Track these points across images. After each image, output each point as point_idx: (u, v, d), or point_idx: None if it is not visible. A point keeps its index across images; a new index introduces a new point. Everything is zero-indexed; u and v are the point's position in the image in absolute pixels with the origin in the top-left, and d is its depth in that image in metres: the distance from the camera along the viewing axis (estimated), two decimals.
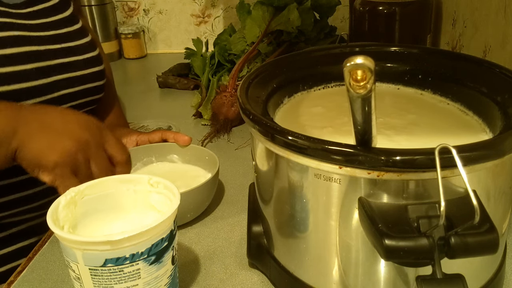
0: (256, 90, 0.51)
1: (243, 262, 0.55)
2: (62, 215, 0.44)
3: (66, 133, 0.55)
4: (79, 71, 0.73)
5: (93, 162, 0.56)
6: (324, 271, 0.44)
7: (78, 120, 0.57)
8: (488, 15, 0.82)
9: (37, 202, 0.71)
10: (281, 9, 1.03)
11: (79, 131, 0.55)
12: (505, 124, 0.43)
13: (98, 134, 0.57)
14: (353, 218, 0.40)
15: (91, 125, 0.57)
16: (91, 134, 0.56)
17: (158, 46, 1.58)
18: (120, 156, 0.59)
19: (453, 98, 0.54)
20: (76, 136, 0.55)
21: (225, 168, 0.76)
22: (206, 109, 0.96)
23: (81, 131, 0.55)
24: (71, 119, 0.57)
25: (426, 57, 0.57)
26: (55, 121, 0.56)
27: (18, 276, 0.55)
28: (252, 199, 0.55)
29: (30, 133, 0.54)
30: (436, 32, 1.14)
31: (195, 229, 0.62)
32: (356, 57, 0.30)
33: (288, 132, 0.40)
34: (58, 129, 0.55)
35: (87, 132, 0.56)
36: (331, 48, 0.64)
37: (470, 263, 0.41)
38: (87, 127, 0.56)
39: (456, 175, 0.36)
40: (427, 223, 0.35)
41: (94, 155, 0.56)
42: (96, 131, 0.57)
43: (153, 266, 0.42)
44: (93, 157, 0.56)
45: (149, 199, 0.49)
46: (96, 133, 0.57)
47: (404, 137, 0.47)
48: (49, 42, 0.69)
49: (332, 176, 0.39)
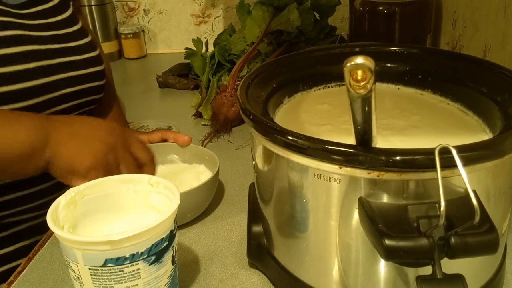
0: (256, 90, 0.51)
1: (243, 262, 0.55)
2: (62, 215, 0.44)
3: (94, 138, 0.57)
4: (79, 71, 0.73)
5: (122, 164, 0.59)
6: (324, 271, 0.44)
7: (102, 126, 0.60)
8: (488, 15, 0.82)
9: (37, 201, 0.71)
10: (281, 9, 1.03)
11: (106, 136, 0.58)
12: (505, 124, 0.43)
13: (123, 137, 0.60)
14: (353, 218, 0.40)
15: (116, 129, 0.60)
16: (117, 137, 0.59)
17: (158, 46, 1.58)
18: (145, 157, 0.62)
19: (453, 98, 0.54)
20: (104, 140, 0.58)
21: (225, 168, 0.76)
22: (206, 109, 0.96)
23: (108, 135, 0.58)
24: (96, 125, 0.60)
25: (426, 57, 0.57)
26: (82, 128, 0.59)
27: (18, 276, 0.55)
28: (252, 199, 0.55)
29: (61, 141, 0.56)
30: (436, 32, 1.14)
31: (195, 229, 0.62)
32: (356, 57, 0.30)
33: (288, 132, 0.40)
34: (86, 135, 0.58)
35: (113, 136, 0.59)
36: (331, 48, 0.64)
37: (470, 263, 0.41)
38: (112, 132, 0.59)
39: (456, 175, 0.36)
40: (427, 223, 0.35)
41: (122, 157, 0.59)
42: (121, 135, 0.60)
43: (153, 266, 0.42)
44: (121, 159, 0.58)
45: (149, 199, 0.49)
46: (122, 137, 0.60)
47: (404, 137, 0.47)
48: (49, 42, 0.70)
49: (332, 176, 0.39)
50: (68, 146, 0.56)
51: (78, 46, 0.75)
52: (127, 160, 0.59)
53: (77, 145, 0.57)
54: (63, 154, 0.56)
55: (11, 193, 0.68)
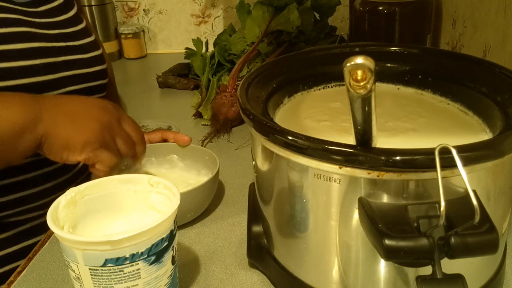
0: (256, 90, 0.51)
1: (243, 262, 0.55)
2: (62, 215, 0.44)
3: (89, 115, 0.58)
4: (83, 69, 0.74)
5: (119, 139, 0.59)
6: (324, 271, 0.44)
7: (96, 103, 0.61)
8: (488, 15, 0.82)
9: (39, 201, 0.71)
10: (281, 9, 1.03)
11: (100, 112, 0.59)
12: (505, 124, 0.43)
13: (116, 114, 0.61)
14: (353, 218, 0.40)
15: (109, 106, 0.61)
16: (111, 114, 0.60)
17: (158, 46, 1.58)
18: (136, 135, 0.63)
19: (453, 98, 0.54)
20: (98, 117, 0.58)
21: (225, 168, 0.76)
22: (206, 109, 0.96)
23: (102, 112, 0.59)
24: (90, 103, 0.60)
25: (426, 57, 0.57)
26: (76, 106, 0.59)
27: (18, 276, 0.55)
28: (252, 199, 0.55)
29: (55, 118, 0.56)
30: (436, 32, 1.14)
31: (195, 229, 0.62)
32: (356, 57, 0.30)
33: (288, 132, 0.40)
34: (81, 113, 0.58)
35: (107, 113, 0.59)
36: (331, 48, 0.64)
37: (470, 263, 0.41)
38: (106, 109, 0.60)
39: (456, 175, 0.36)
40: (427, 223, 0.35)
41: (118, 132, 0.59)
42: (114, 112, 0.61)
43: (153, 266, 0.42)
44: (117, 134, 0.59)
45: (149, 199, 0.49)
46: (115, 113, 0.61)
47: (404, 137, 0.47)
48: (55, 40, 0.70)
49: (332, 176, 0.39)
50: (63, 123, 0.56)
51: (82, 45, 0.75)
52: (122, 135, 0.60)
53: (72, 122, 0.57)
54: (59, 131, 0.56)
55: (13, 194, 0.68)
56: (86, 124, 0.57)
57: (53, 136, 0.55)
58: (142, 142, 0.64)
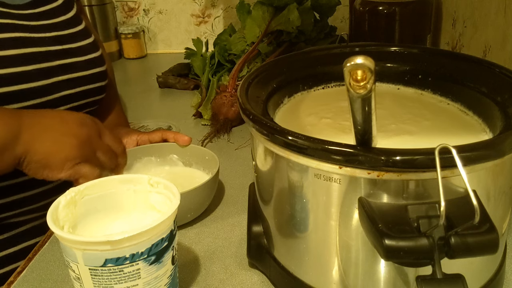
0: (256, 90, 0.51)
1: (243, 262, 0.55)
2: (62, 215, 0.44)
3: (67, 132, 0.57)
4: (80, 72, 0.73)
5: (100, 152, 0.59)
6: (324, 271, 0.44)
7: (74, 118, 0.60)
8: (488, 15, 0.82)
9: (39, 203, 0.71)
10: (281, 9, 1.03)
11: (78, 128, 0.58)
12: (505, 124, 0.43)
13: (95, 128, 0.61)
14: (353, 218, 0.40)
15: (87, 121, 0.60)
16: (90, 129, 0.59)
17: (158, 46, 1.58)
18: (117, 148, 0.63)
19: (453, 98, 0.54)
20: (76, 132, 0.58)
21: (225, 168, 0.76)
22: (206, 109, 0.96)
23: (80, 128, 0.58)
24: (68, 119, 0.59)
25: (426, 57, 0.57)
26: (54, 123, 0.58)
27: (18, 276, 0.55)
28: (252, 199, 0.55)
29: (34, 136, 0.56)
30: (436, 32, 1.14)
31: (195, 229, 0.62)
32: (356, 57, 0.30)
33: (288, 132, 0.40)
34: (59, 130, 0.58)
35: (86, 128, 0.59)
36: (331, 48, 0.64)
37: (470, 263, 0.41)
38: (84, 124, 0.59)
39: (456, 175, 0.36)
40: (427, 223, 0.35)
41: (98, 145, 0.59)
42: (93, 126, 0.61)
43: (153, 266, 0.42)
44: (98, 148, 0.59)
45: (149, 199, 0.49)
46: (94, 128, 0.60)
47: (404, 137, 0.47)
48: (51, 43, 0.69)
49: (332, 176, 0.39)
50: (42, 141, 0.56)
51: (80, 47, 0.75)
52: (103, 148, 0.60)
53: (51, 140, 0.56)
54: (38, 149, 0.55)
55: (13, 195, 0.68)
56: (64, 141, 0.56)
57: (32, 155, 0.55)
58: (123, 154, 0.65)
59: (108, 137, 0.62)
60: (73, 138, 0.57)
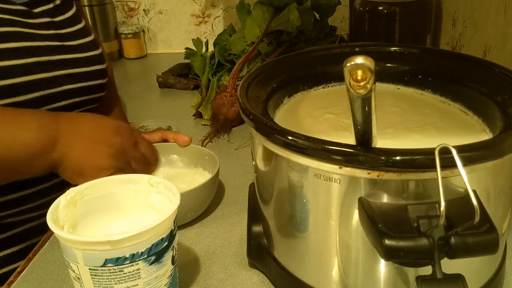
0: (256, 90, 0.51)
1: (243, 262, 0.55)
2: (62, 215, 0.44)
3: (102, 140, 0.58)
4: (81, 68, 0.73)
5: (133, 162, 0.60)
6: (324, 271, 0.44)
7: (110, 126, 0.60)
8: (488, 15, 0.82)
9: (39, 201, 0.71)
10: (281, 9, 1.03)
11: (113, 137, 0.59)
12: (505, 124, 0.43)
13: (130, 136, 0.61)
14: (353, 218, 0.40)
15: (122, 129, 0.61)
16: (124, 137, 0.60)
17: (158, 46, 1.58)
18: (151, 155, 0.64)
19: (453, 98, 0.54)
20: (111, 142, 0.58)
21: (225, 168, 0.76)
22: (206, 109, 0.96)
23: (115, 137, 0.59)
24: (104, 126, 0.60)
25: (426, 57, 0.57)
26: (90, 130, 0.59)
27: (18, 276, 0.55)
28: (252, 199, 0.55)
29: (69, 143, 0.56)
30: (436, 32, 1.14)
31: (195, 229, 0.62)
32: (356, 57, 0.30)
33: (288, 132, 0.40)
34: (94, 138, 0.58)
35: (121, 137, 0.59)
36: (331, 48, 0.64)
37: (470, 263, 0.41)
38: (119, 132, 0.60)
39: (456, 175, 0.36)
40: (427, 223, 0.35)
41: (132, 155, 0.60)
42: (128, 134, 0.61)
43: (153, 266, 0.42)
44: (132, 157, 0.60)
45: (149, 199, 0.49)
46: (129, 136, 0.61)
47: (404, 137, 0.47)
48: (51, 39, 0.70)
49: (332, 176, 0.39)
50: (76, 148, 0.56)
51: (80, 44, 0.75)
52: (137, 157, 0.60)
53: (86, 148, 0.57)
54: (72, 157, 0.56)
55: (12, 193, 0.68)
56: (99, 150, 0.57)
57: (67, 162, 0.56)
58: (156, 162, 0.66)
59: (143, 146, 0.63)
60: (107, 147, 0.57)
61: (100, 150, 0.57)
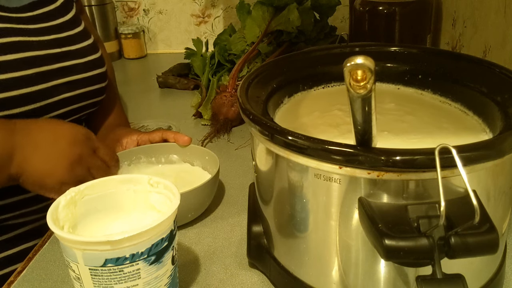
0: (256, 90, 0.51)
1: (243, 262, 0.55)
2: (62, 215, 0.44)
3: (59, 153, 0.58)
4: (80, 74, 0.73)
5: (93, 169, 0.59)
6: (324, 271, 0.44)
7: (66, 135, 0.59)
8: (488, 15, 0.82)
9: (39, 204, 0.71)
10: (281, 9, 1.03)
11: (70, 148, 0.58)
12: (505, 124, 0.43)
13: (87, 143, 0.60)
14: (353, 218, 0.40)
15: (79, 136, 0.60)
16: (82, 146, 0.59)
17: (158, 46, 1.57)
18: (110, 159, 0.63)
19: (453, 98, 0.54)
20: (68, 153, 0.57)
21: (225, 168, 0.76)
22: (206, 109, 0.96)
23: (72, 147, 0.58)
24: (60, 135, 0.59)
25: (426, 57, 0.57)
26: (46, 141, 0.58)
27: (18, 276, 0.55)
28: (252, 199, 0.55)
29: (26, 158, 0.56)
30: (436, 32, 1.14)
31: (195, 229, 0.62)
32: (356, 57, 0.30)
33: (288, 132, 0.40)
34: (51, 150, 0.58)
35: (78, 146, 0.59)
36: (331, 48, 0.64)
37: (470, 263, 0.41)
38: (76, 141, 0.59)
39: (456, 175, 0.36)
40: (427, 223, 0.35)
41: (90, 162, 0.59)
42: (86, 141, 0.60)
43: (153, 266, 0.42)
44: (91, 165, 0.59)
45: (149, 199, 0.49)
46: (86, 143, 0.60)
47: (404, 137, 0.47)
48: (50, 46, 0.69)
49: (332, 176, 0.39)
50: (34, 163, 0.56)
51: (79, 49, 0.74)
52: (96, 165, 0.60)
53: (43, 162, 0.57)
54: (31, 171, 0.56)
55: (12, 196, 0.68)
56: (56, 163, 0.57)
57: (26, 175, 0.56)
58: (116, 165, 0.65)
59: (101, 151, 0.62)
60: (65, 160, 0.57)
61: (58, 163, 0.57)
